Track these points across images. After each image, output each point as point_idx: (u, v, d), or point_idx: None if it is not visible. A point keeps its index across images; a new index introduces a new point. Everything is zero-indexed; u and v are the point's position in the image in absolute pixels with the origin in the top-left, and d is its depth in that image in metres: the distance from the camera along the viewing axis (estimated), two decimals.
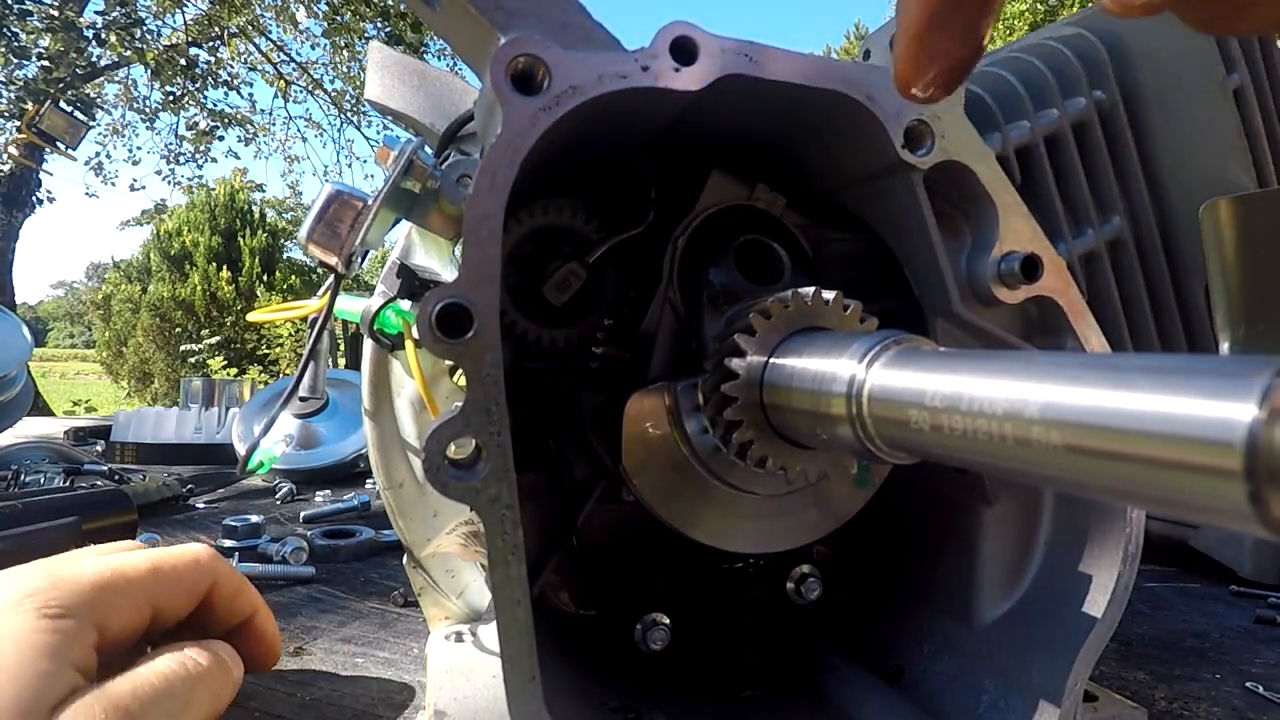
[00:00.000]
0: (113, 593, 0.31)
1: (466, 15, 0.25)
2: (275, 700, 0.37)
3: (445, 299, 0.22)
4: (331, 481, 0.98)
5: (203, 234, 7.51)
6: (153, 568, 0.33)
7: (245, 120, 7.87)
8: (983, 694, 0.31)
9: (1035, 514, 0.32)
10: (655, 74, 0.24)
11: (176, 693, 0.30)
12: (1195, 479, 0.12)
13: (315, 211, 0.30)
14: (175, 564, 0.34)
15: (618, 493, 0.34)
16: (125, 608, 0.31)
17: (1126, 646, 0.48)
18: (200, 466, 1.09)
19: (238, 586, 0.37)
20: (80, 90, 5.72)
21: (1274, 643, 0.49)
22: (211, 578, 0.35)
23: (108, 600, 0.30)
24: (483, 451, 0.23)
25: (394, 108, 0.39)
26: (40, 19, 5.32)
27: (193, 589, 0.35)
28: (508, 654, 0.24)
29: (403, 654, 0.44)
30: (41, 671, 0.27)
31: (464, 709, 0.33)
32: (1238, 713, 0.39)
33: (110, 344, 7.68)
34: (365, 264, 0.35)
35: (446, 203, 0.30)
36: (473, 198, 0.22)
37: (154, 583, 0.33)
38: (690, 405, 0.30)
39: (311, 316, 0.37)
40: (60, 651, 0.28)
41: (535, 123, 0.23)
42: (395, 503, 0.42)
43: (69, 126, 5.04)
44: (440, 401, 0.39)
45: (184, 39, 6.47)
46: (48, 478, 0.87)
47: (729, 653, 0.37)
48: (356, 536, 0.66)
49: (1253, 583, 0.59)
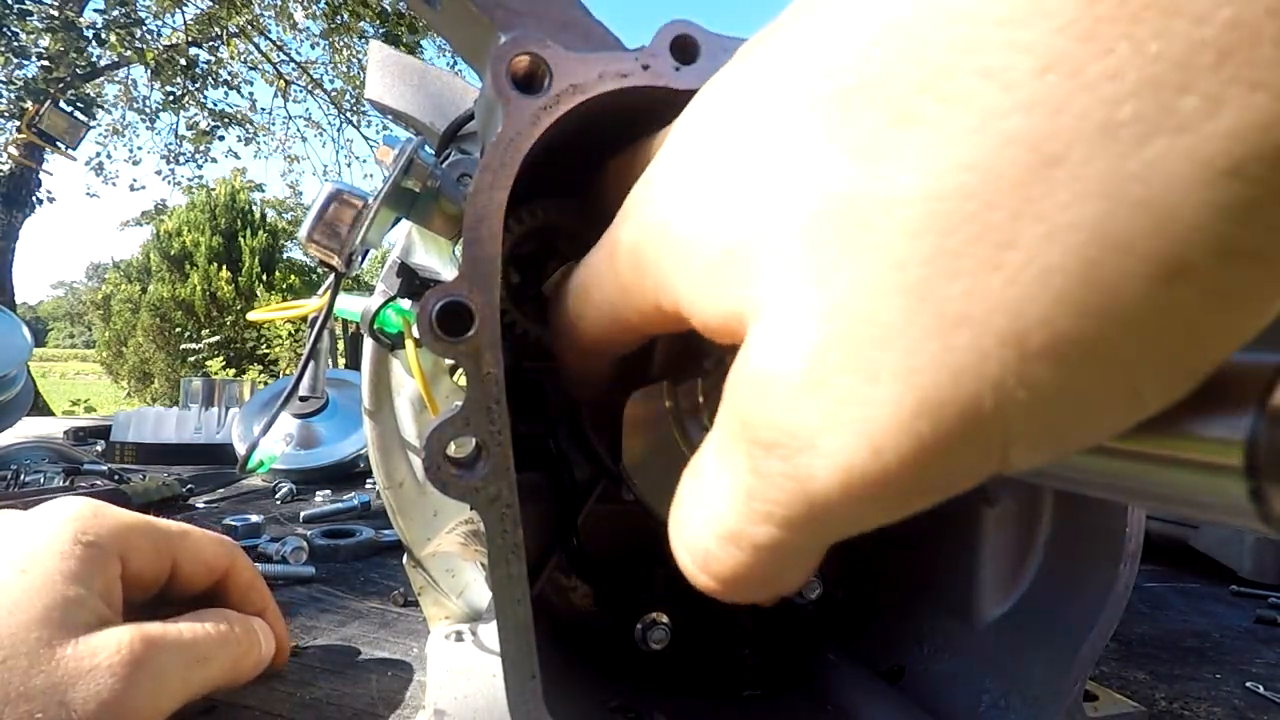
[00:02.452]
0: (139, 534, 0.33)
1: (467, 14, 0.25)
2: (275, 700, 0.37)
3: (445, 297, 0.22)
4: (331, 481, 0.98)
5: (203, 234, 7.51)
6: (181, 529, 0.36)
7: (245, 120, 7.88)
8: (983, 694, 0.31)
9: (1035, 513, 0.32)
10: (656, 73, 0.24)
11: (198, 647, 0.32)
12: (1196, 476, 0.12)
13: (315, 211, 0.30)
14: (200, 534, 0.37)
15: (618, 493, 0.34)
16: (149, 551, 0.34)
17: (1126, 646, 0.48)
18: (200, 466, 1.09)
19: (252, 580, 0.39)
20: (80, 90, 5.72)
21: (1274, 643, 0.49)
22: (230, 561, 0.37)
23: (135, 542, 0.33)
24: (483, 450, 0.23)
25: (394, 107, 0.39)
26: (40, 19, 5.32)
27: (212, 563, 0.37)
28: (507, 653, 0.24)
29: (403, 654, 0.44)
30: (70, 596, 0.29)
31: (464, 708, 0.33)
32: (1238, 713, 0.39)
33: (110, 344, 7.68)
34: (365, 263, 0.35)
35: (447, 202, 0.30)
36: (473, 197, 0.22)
37: (179, 539, 0.35)
38: (690, 405, 0.30)
39: (311, 316, 0.37)
40: (89, 579, 0.30)
41: (536, 121, 0.23)
42: (395, 502, 0.42)
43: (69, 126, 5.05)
44: (440, 400, 0.39)
45: (184, 39, 6.47)
46: (48, 477, 0.87)
47: (729, 653, 0.37)
48: (356, 536, 0.66)
49: (1253, 583, 0.59)
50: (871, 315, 0.12)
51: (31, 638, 0.27)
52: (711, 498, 0.16)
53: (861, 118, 0.13)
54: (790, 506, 0.14)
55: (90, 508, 0.32)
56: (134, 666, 0.28)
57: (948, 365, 0.12)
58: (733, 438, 0.15)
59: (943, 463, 0.12)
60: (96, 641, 0.28)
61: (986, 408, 0.12)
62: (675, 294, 0.17)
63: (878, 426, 0.12)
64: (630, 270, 0.20)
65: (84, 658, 0.27)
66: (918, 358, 0.12)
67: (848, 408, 0.13)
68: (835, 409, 0.13)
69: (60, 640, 0.27)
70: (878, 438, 0.12)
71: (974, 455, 0.12)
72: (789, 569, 0.16)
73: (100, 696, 0.27)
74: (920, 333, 0.12)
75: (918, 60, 0.12)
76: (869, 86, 0.13)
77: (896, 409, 0.12)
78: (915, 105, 0.12)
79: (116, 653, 0.28)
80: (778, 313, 0.14)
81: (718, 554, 0.16)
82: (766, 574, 0.16)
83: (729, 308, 0.15)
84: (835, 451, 0.13)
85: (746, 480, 0.15)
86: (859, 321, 0.13)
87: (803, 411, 0.13)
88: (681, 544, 0.17)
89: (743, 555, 0.15)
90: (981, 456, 0.12)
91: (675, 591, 0.36)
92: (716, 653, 0.37)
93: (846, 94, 0.13)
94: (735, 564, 0.16)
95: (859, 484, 0.13)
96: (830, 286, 0.13)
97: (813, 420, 0.13)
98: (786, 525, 0.14)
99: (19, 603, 0.27)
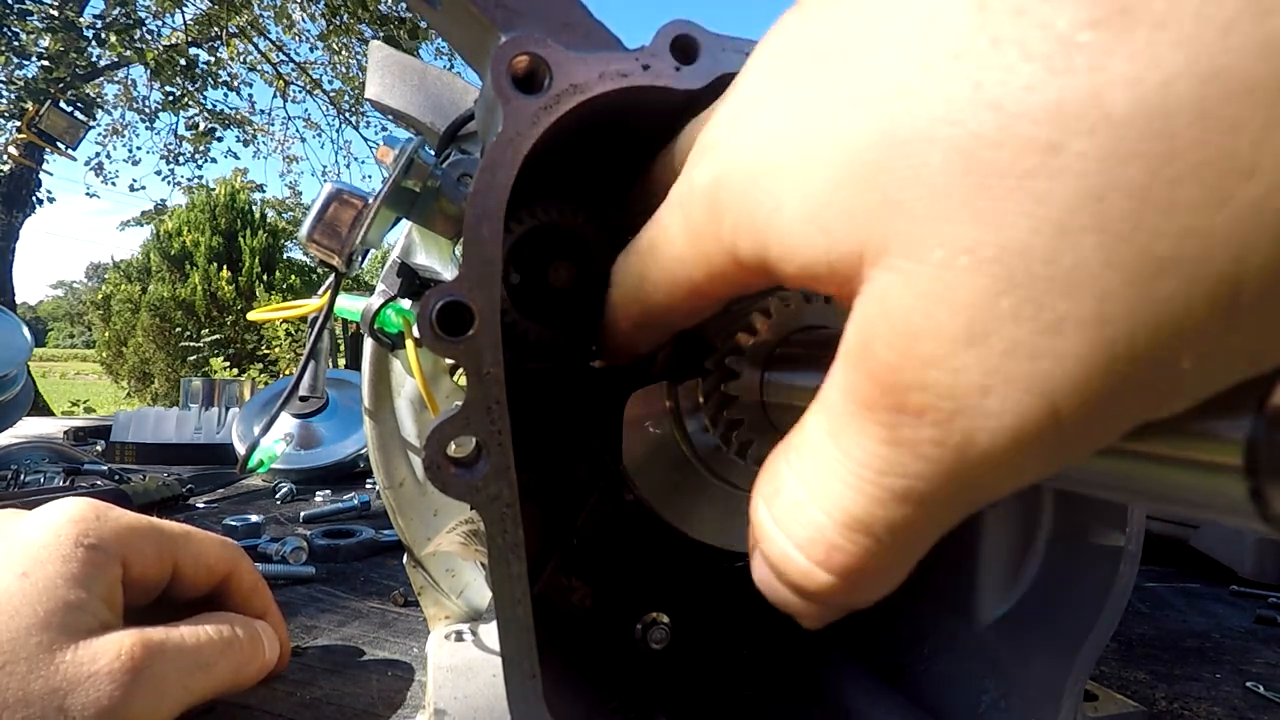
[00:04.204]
0: (141, 537, 0.33)
1: (467, 14, 0.25)
2: (275, 700, 0.37)
3: (445, 297, 0.22)
4: (331, 481, 0.98)
5: (203, 234, 7.51)
6: (183, 530, 0.36)
7: (244, 121, 7.88)
8: (983, 694, 0.31)
9: (1035, 513, 0.32)
10: (656, 73, 0.24)
11: (200, 653, 0.32)
12: (1196, 476, 0.12)
13: (315, 211, 0.30)
14: (203, 536, 0.37)
15: (618, 493, 0.34)
16: (151, 553, 0.33)
17: (1126, 646, 0.48)
18: (200, 466, 1.09)
19: (254, 582, 0.38)
20: (80, 90, 5.72)
21: (1274, 643, 0.49)
22: (232, 565, 0.37)
23: (138, 544, 0.33)
24: (483, 450, 0.23)
25: (394, 107, 0.39)
26: (40, 19, 5.32)
27: (214, 565, 0.36)
28: (507, 653, 0.24)
29: (403, 654, 0.44)
30: (72, 600, 0.28)
31: (464, 708, 0.33)
32: (1238, 713, 0.39)
33: (110, 344, 7.67)
34: (365, 263, 0.35)
35: (447, 202, 0.30)
36: (473, 197, 0.22)
37: (181, 541, 0.35)
38: (690, 405, 0.30)
39: (311, 316, 0.37)
40: (91, 582, 0.29)
41: (536, 121, 0.23)
42: (395, 502, 0.42)
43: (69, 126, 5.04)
44: (440, 400, 0.39)
45: (184, 39, 6.47)
46: (48, 478, 0.87)
47: (729, 652, 0.37)
48: (356, 536, 0.66)
49: (1253, 583, 0.59)
50: (1055, 255, 0.10)
51: (31, 643, 0.26)
52: (828, 481, 0.14)
53: (1048, 12, 0.10)
54: (938, 479, 0.12)
55: (93, 509, 0.32)
56: (134, 673, 0.28)
57: (1148, 316, 0.10)
58: (861, 406, 0.13)
59: (1122, 414, 0.11)
60: (97, 647, 0.28)
61: (1184, 365, 0.10)
62: (764, 235, 0.15)
63: (1058, 383, 0.11)
64: (705, 213, 0.17)
65: (84, 663, 0.27)
66: (1113, 305, 0.10)
67: (1021, 362, 0.11)
68: (1004, 364, 0.11)
69: (60, 645, 0.27)
70: (1058, 395, 0.11)
71: (1153, 407, 0.11)
72: (916, 554, 0.14)
73: (99, 703, 0.27)
74: (1119, 278, 0.10)
75: None
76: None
77: (1082, 365, 0.10)
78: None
79: (116, 658, 0.28)
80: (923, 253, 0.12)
81: (844, 545, 0.14)
82: (896, 563, 0.14)
83: (845, 249, 0.13)
84: (1003, 412, 0.11)
85: (881, 454, 0.13)
86: (1038, 262, 0.11)
87: (963, 369, 0.11)
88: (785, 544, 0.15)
89: (873, 543, 0.13)
90: (1158, 407, 0.11)
91: (675, 591, 0.36)
92: (716, 653, 0.37)
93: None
94: (865, 554, 0.14)
95: (1029, 446, 0.11)
96: (999, 221, 0.11)
97: (974, 377, 0.11)
98: (928, 502, 0.12)
99: (19, 607, 0.27)
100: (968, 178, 0.11)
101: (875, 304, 0.12)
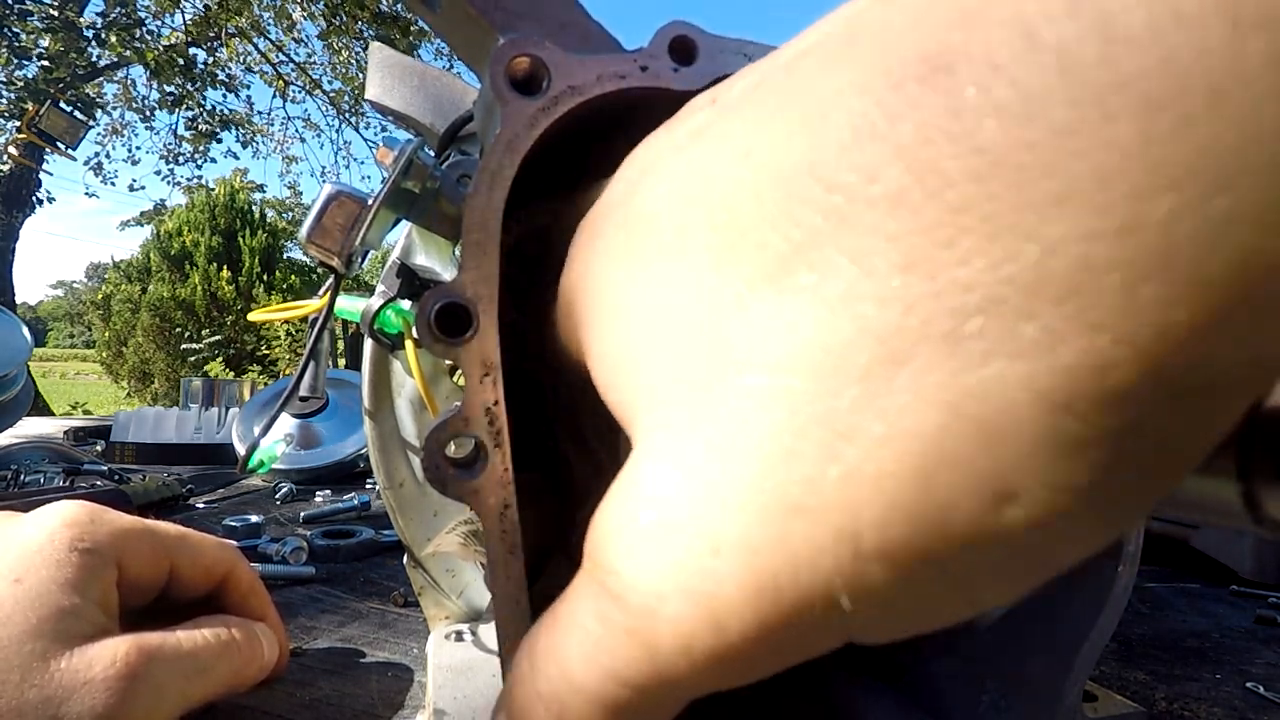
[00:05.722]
0: (137, 540, 0.32)
1: (466, 16, 0.25)
2: (275, 700, 0.37)
3: (444, 298, 0.22)
4: (331, 482, 0.98)
5: (203, 234, 7.51)
6: (179, 532, 0.35)
7: (244, 121, 7.88)
8: (983, 694, 0.31)
9: None
10: (654, 74, 0.24)
11: (198, 657, 0.31)
12: (1189, 478, 0.12)
13: (315, 211, 0.30)
14: (199, 538, 0.36)
15: None
16: (146, 556, 0.33)
17: (1126, 646, 0.48)
18: (200, 466, 1.09)
19: (252, 584, 0.38)
20: (80, 90, 5.72)
21: (1274, 643, 0.49)
22: (229, 566, 0.37)
23: (133, 547, 0.32)
24: (482, 450, 0.23)
25: (394, 107, 0.39)
26: (40, 19, 5.32)
27: (211, 567, 0.36)
28: (507, 653, 0.24)
29: (403, 654, 0.44)
30: (66, 606, 0.28)
31: (464, 708, 0.33)
32: (1238, 713, 0.39)
33: (110, 344, 7.67)
34: (365, 264, 0.35)
35: (446, 203, 0.30)
36: (472, 197, 0.22)
37: (177, 543, 0.35)
38: None
39: (311, 316, 0.37)
40: (86, 587, 0.29)
41: (534, 123, 0.23)
42: (395, 502, 0.42)
43: (69, 126, 5.05)
44: (440, 401, 0.39)
45: (183, 39, 6.47)
46: (48, 478, 0.87)
47: None
48: (356, 536, 0.66)
49: (1253, 583, 0.59)
50: (718, 481, 0.12)
51: (25, 650, 0.26)
52: (566, 641, 0.14)
53: (740, 266, 0.12)
54: (634, 667, 0.13)
55: (87, 512, 0.31)
56: (130, 679, 0.27)
57: (785, 551, 0.11)
58: (585, 571, 0.14)
59: (787, 638, 0.12)
60: (92, 653, 0.27)
61: (823, 597, 0.11)
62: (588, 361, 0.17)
63: (719, 602, 0.12)
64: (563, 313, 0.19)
65: (79, 671, 0.26)
66: (757, 537, 0.11)
67: (690, 575, 0.12)
68: (676, 572, 0.12)
69: (55, 652, 0.26)
70: (720, 612, 0.12)
71: (818, 634, 0.12)
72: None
73: (95, 710, 0.26)
74: (760, 513, 0.11)
75: (796, 221, 0.11)
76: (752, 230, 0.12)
77: (736, 586, 0.11)
78: (790, 267, 0.11)
79: (112, 665, 0.27)
80: (645, 444, 0.13)
81: (576, 711, 0.14)
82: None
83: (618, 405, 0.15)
84: (677, 619, 0.12)
85: (593, 628, 0.13)
86: (707, 484, 0.12)
87: (645, 566, 0.12)
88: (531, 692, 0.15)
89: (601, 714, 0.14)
90: (826, 634, 0.12)
91: None
92: None
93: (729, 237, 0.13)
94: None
95: (702, 657, 0.12)
96: (690, 438, 0.12)
97: (653, 580, 0.12)
98: (637, 688, 0.13)
99: (12, 614, 0.26)
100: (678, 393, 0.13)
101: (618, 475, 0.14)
